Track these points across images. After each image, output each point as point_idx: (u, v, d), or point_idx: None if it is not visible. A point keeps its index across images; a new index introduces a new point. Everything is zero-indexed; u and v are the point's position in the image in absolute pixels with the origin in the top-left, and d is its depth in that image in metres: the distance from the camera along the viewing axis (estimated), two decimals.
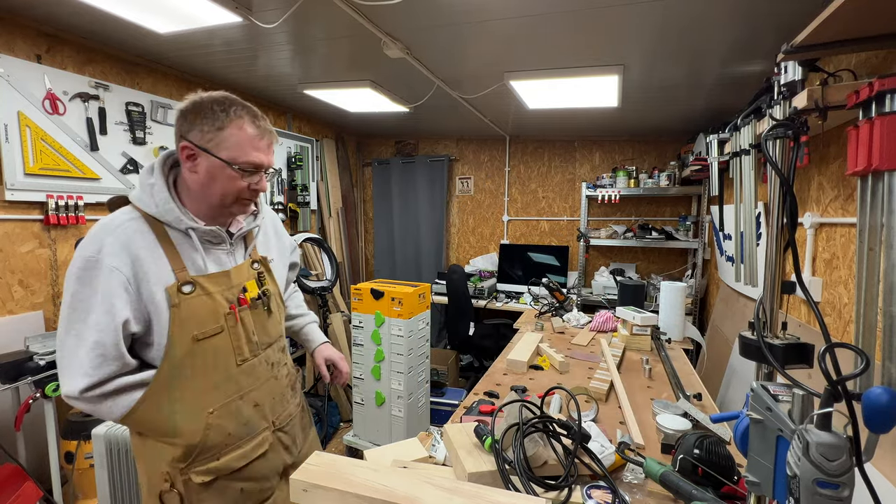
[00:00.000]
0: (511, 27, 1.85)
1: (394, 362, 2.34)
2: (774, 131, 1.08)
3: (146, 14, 1.84)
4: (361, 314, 2.41)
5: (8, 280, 2.01)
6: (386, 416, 2.39)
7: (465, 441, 1.02)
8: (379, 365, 2.38)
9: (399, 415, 2.36)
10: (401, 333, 2.31)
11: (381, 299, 2.34)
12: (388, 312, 2.33)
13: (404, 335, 2.30)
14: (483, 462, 0.94)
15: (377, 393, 2.40)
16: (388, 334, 2.34)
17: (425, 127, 4.16)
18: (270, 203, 3.47)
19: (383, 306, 2.34)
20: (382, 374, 2.38)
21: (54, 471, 1.75)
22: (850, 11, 0.91)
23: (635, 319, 2.00)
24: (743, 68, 2.20)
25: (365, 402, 2.46)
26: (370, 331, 2.39)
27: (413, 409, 2.40)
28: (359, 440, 2.49)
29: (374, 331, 2.37)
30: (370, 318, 2.38)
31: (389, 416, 2.38)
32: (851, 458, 0.58)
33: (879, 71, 1.30)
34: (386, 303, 2.33)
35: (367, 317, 2.40)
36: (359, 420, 2.50)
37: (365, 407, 2.47)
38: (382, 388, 2.39)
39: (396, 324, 2.31)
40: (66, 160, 2.16)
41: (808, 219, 1.63)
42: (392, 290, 2.32)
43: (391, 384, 2.36)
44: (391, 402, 2.38)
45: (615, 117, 3.27)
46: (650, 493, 0.97)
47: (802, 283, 0.86)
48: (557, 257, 3.91)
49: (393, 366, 2.35)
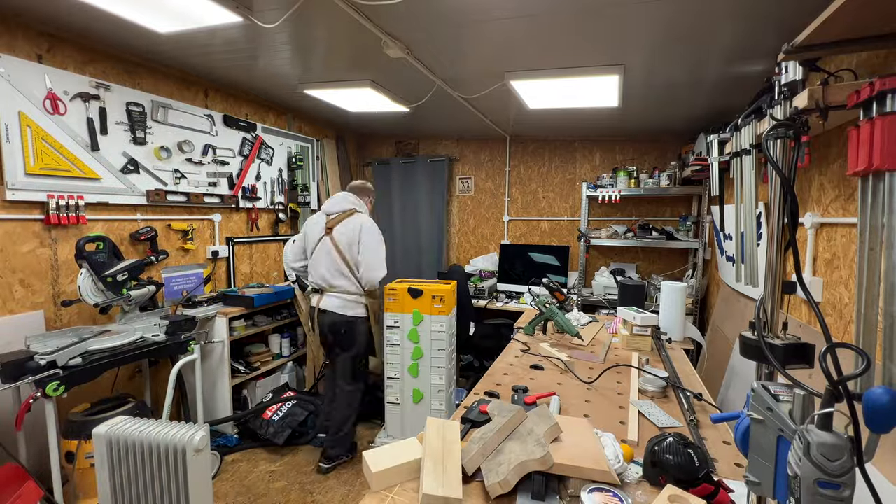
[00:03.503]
0: (511, 27, 1.85)
1: (434, 358, 2.37)
2: (775, 131, 1.07)
3: (147, 14, 1.85)
4: (396, 314, 2.41)
5: (9, 279, 2.01)
6: (425, 412, 2.41)
7: (437, 446, 0.97)
8: (417, 363, 2.40)
9: (440, 408, 2.39)
10: (443, 329, 2.34)
11: (420, 298, 2.35)
12: (427, 310, 2.34)
13: (446, 330, 2.33)
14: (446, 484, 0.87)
15: (415, 390, 2.42)
16: (428, 331, 2.36)
17: (426, 127, 4.16)
18: (271, 203, 3.48)
19: (422, 304, 2.35)
20: (421, 371, 2.39)
21: (55, 470, 1.75)
22: (850, 11, 0.91)
23: (636, 320, 2.00)
24: (744, 68, 2.20)
25: (401, 401, 2.46)
26: (407, 329, 2.40)
27: (451, 402, 2.44)
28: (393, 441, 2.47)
29: (411, 329, 2.38)
30: (407, 318, 2.39)
31: (429, 411, 2.40)
32: (852, 459, 0.58)
33: (880, 71, 1.30)
34: (425, 301, 2.34)
35: (403, 316, 2.40)
36: (393, 420, 2.49)
37: (401, 406, 2.46)
38: (421, 385, 2.41)
39: (438, 320, 2.34)
40: (66, 160, 2.17)
41: (809, 219, 1.63)
42: (430, 288, 2.35)
43: (431, 379, 2.38)
44: (431, 397, 2.40)
45: (616, 117, 3.27)
46: (651, 492, 0.97)
47: (803, 283, 0.86)
48: (558, 257, 3.91)
49: (433, 361, 2.37)
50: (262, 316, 3.06)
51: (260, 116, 3.36)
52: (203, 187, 2.89)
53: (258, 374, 2.97)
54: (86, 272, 2.08)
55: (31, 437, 1.91)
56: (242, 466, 2.55)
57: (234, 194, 3.13)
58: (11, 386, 1.66)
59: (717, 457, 1.12)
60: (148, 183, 2.55)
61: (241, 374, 2.86)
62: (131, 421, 1.63)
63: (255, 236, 3.38)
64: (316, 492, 2.33)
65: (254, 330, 2.94)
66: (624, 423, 1.32)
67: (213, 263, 3.03)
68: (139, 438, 1.54)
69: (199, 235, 2.94)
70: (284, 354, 3.21)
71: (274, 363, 3.11)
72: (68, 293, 2.23)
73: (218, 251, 3.04)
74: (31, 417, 1.80)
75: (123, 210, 2.47)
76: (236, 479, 2.42)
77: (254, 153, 3.26)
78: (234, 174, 3.12)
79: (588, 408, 1.43)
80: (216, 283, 3.08)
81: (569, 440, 1.06)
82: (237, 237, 3.22)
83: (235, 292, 2.88)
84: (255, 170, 3.31)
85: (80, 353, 1.83)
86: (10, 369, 1.65)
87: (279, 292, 3.02)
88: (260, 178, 3.35)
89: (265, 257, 3.51)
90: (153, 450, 1.53)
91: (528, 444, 1.01)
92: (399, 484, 1.00)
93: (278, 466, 2.55)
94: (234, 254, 3.20)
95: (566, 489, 0.97)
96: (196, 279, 2.79)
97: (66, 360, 1.76)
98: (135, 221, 2.53)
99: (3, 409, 1.89)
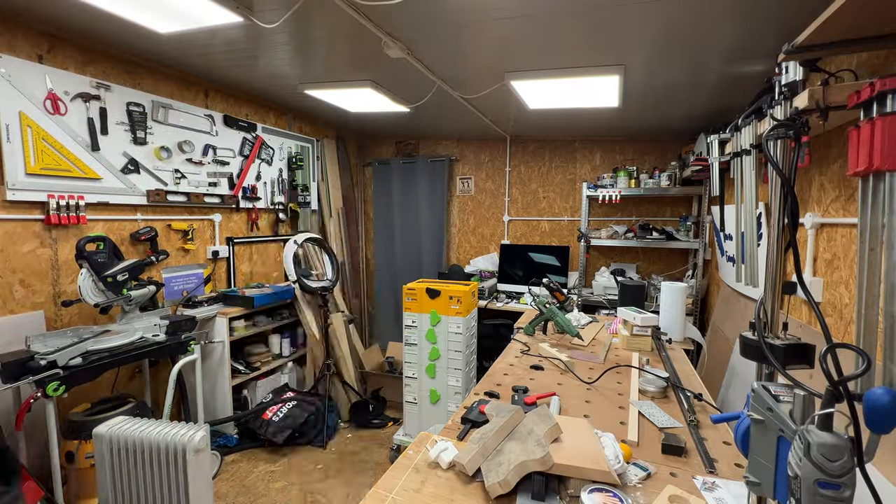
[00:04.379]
0: (511, 27, 1.85)
1: (451, 359, 2.36)
2: (775, 131, 1.08)
3: (147, 14, 1.85)
4: (415, 313, 2.41)
5: (9, 280, 2.01)
6: (441, 412, 2.42)
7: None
8: (434, 363, 2.40)
9: (455, 409, 2.38)
10: (459, 331, 2.32)
11: (437, 298, 2.35)
12: (444, 311, 2.34)
13: (463, 332, 2.32)
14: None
15: (432, 391, 2.43)
16: (445, 332, 2.35)
17: (426, 127, 4.16)
18: (271, 203, 3.48)
19: (440, 305, 2.35)
20: (438, 371, 2.40)
21: (55, 470, 1.75)
22: (850, 12, 0.91)
23: (636, 320, 2.00)
24: (744, 68, 2.20)
25: (418, 401, 2.48)
26: (425, 330, 2.40)
27: None
28: (410, 439, 2.52)
29: (429, 329, 2.39)
30: (425, 318, 2.39)
31: (445, 412, 2.41)
32: (853, 459, 0.58)
33: (880, 71, 1.30)
34: (443, 301, 2.34)
35: (421, 316, 2.40)
36: (411, 419, 2.52)
37: (418, 405, 2.48)
38: (438, 386, 2.41)
39: (455, 321, 2.33)
40: (67, 160, 2.17)
41: (809, 219, 1.63)
42: (448, 289, 2.34)
43: (448, 381, 2.38)
44: (447, 398, 2.40)
45: (616, 117, 3.27)
46: (651, 493, 0.97)
47: (803, 283, 0.86)
48: (558, 257, 3.91)
49: (450, 363, 2.37)
50: (263, 316, 3.06)
51: (260, 116, 3.37)
52: (203, 187, 2.89)
53: (258, 375, 2.97)
54: (86, 272, 2.09)
55: (32, 437, 1.91)
56: (242, 466, 2.55)
57: (235, 194, 3.13)
58: (12, 386, 1.66)
59: (717, 457, 1.12)
60: (148, 183, 2.55)
61: (241, 375, 2.86)
62: (131, 421, 1.63)
63: (255, 236, 3.38)
64: (316, 492, 2.33)
65: (254, 330, 2.94)
66: (624, 423, 1.32)
67: (214, 263, 3.04)
68: (139, 438, 1.55)
69: (200, 235, 2.94)
70: (284, 354, 3.21)
71: (274, 363, 3.11)
72: (68, 293, 2.23)
73: (218, 251, 3.04)
74: (31, 417, 1.80)
75: (124, 210, 2.47)
76: (236, 480, 2.42)
77: (254, 153, 3.26)
78: (234, 174, 3.12)
79: (588, 408, 1.43)
80: (216, 284, 3.08)
81: (569, 440, 1.06)
82: (237, 237, 3.22)
83: (235, 292, 2.88)
84: (256, 170, 3.31)
85: (81, 353, 1.83)
86: (11, 369, 1.65)
87: (279, 292, 3.02)
88: (260, 179, 3.35)
89: (265, 257, 3.51)
90: (153, 450, 1.54)
91: (529, 445, 1.01)
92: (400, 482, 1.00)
93: (278, 467, 2.55)
94: (235, 254, 3.20)
95: (566, 489, 0.97)
96: (196, 279, 2.80)
97: (66, 360, 1.76)
98: (135, 221, 2.53)
99: (4, 409, 1.89)
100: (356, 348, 3.73)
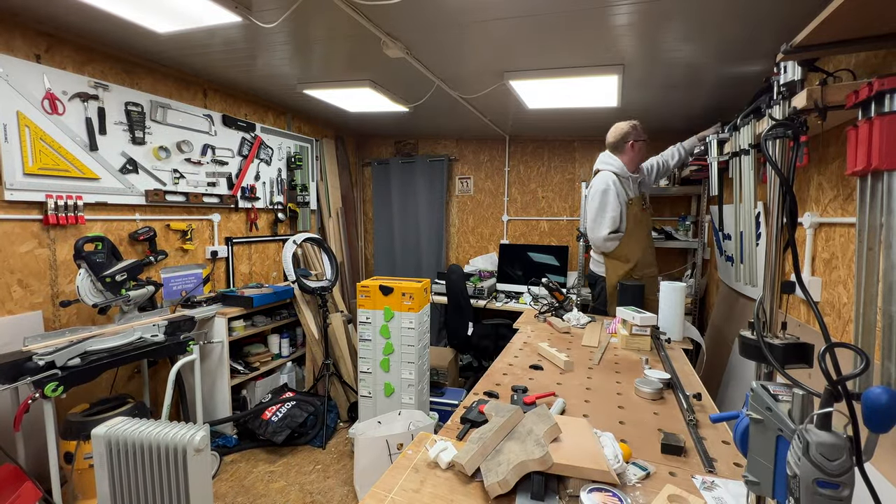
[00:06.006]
0: (511, 27, 1.85)
1: (404, 353, 2.43)
2: (774, 131, 1.08)
3: (145, 14, 1.84)
4: (368, 310, 2.46)
5: (7, 280, 2.01)
6: (395, 405, 2.46)
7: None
8: (388, 358, 2.46)
9: (410, 402, 2.45)
10: (412, 326, 2.40)
11: (391, 295, 2.40)
12: (397, 307, 2.40)
13: (415, 327, 2.39)
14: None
15: (386, 384, 2.48)
16: (398, 327, 2.42)
17: (425, 127, 4.16)
18: (270, 203, 3.47)
19: (392, 301, 2.41)
20: (392, 366, 2.46)
21: (53, 471, 1.74)
22: (849, 11, 0.91)
23: (635, 319, 2.00)
24: (742, 68, 2.20)
25: (373, 395, 2.52)
26: (379, 326, 2.45)
27: (421, 396, 2.50)
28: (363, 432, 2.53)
29: (382, 325, 2.44)
30: (379, 314, 2.45)
31: (399, 405, 2.46)
32: (851, 458, 0.58)
33: (879, 71, 1.30)
34: (396, 298, 2.40)
35: (374, 312, 2.45)
36: (366, 413, 2.55)
37: (373, 399, 2.53)
38: (392, 380, 2.47)
39: (407, 317, 2.40)
40: (65, 160, 2.16)
41: (808, 218, 1.64)
42: (400, 286, 2.40)
43: (401, 374, 2.45)
44: (401, 391, 2.46)
45: (615, 117, 3.26)
46: (651, 492, 0.97)
47: (802, 282, 0.86)
48: (557, 257, 3.91)
49: (403, 357, 2.43)
50: (262, 316, 3.06)
51: (259, 116, 3.36)
52: (202, 187, 2.89)
53: (257, 375, 2.97)
54: (84, 272, 2.08)
55: (30, 437, 1.90)
56: (241, 467, 2.55)
57: (233, 194, 3.12)
58: (10, 386, 1.65)
59: (716, 456, 1.12)
60: (147, 183, 2.54)
61: (240, 375, 2.86)
62: (130, 421, 1.63)
63: (254, 236, 3.38)
64: (315, 492, 2.33)
65: (253, 330, 2.94)
66: (623, 422, 1.32)
67: (212, 263, 3.03)
68: (138, 439, 1.54)
69: (198, 235, 2.94)
70: (284, 355, 3.21)
71: (273, 363, 3.10)
72: (67, 293, 2.22)
73: (217, 251, 3.04)
74: (29, 418, 1.79)
75: (122, 210, 2.47)
76: (235, 480, 2.42)
77: (253, 153, 3.26)
78: (233, 174, 3.11)
79: (587, 408, 1.43)
80: (215, 284, 3.07)
81: (568, 440, 1.06)
82: (236, 237, 3.21)
83: (234, 292, 2.88)
84: (254, 170, 3.30)
85: (79, 354, 1.82)
86: (9, 370, 1.65)
87: (278, 292, 3.02)
88: (259, 178, 3.34)
89: (264, 257, 3.51)
90: (153, 450, 1.53)
91: (528, 444, 1.01)
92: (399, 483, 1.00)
93: (277, 467, 2.54)
94: (233, 254, 3.19)
95: (565, 489, 0.97)
96: (195, 279, 2.79)
97: (64, 360, 1.76)
98: (133, 221, 2.53)
99: (2, 410, 1.89)
100: (356, 348, 3.72)
